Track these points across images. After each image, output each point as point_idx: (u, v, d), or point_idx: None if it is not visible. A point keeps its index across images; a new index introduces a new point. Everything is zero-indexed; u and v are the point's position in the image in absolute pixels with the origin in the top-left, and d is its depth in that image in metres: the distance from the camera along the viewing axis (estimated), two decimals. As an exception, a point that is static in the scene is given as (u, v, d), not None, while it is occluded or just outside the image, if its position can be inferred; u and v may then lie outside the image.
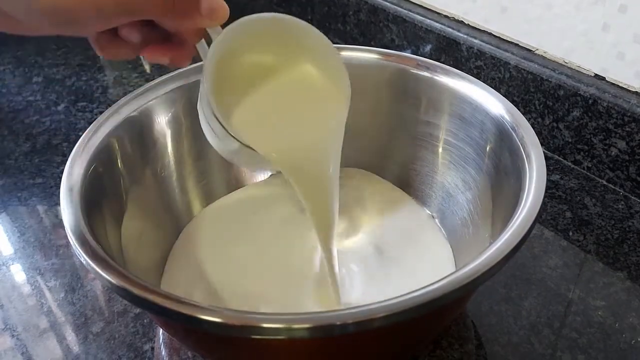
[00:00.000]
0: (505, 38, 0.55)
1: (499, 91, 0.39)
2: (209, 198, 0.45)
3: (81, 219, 0.31)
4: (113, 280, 0.27)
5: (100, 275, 0.28)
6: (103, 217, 0.34)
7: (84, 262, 0.28)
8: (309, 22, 0.32)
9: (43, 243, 0.45)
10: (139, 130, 0.40)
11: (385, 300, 0.25)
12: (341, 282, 0.38)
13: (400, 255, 0.40)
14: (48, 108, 0.62)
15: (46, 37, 0.76)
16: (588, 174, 0.50)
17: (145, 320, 0.39)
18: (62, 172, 0.34)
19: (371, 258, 0.40)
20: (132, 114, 0.39)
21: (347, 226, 0.43)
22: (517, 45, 0.54)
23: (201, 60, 0.31)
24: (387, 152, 0.46)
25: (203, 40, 0.31)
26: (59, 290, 0.41)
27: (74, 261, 0.43)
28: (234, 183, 0.47)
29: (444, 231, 0.42)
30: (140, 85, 0.42)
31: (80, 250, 0.29)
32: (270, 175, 0.48)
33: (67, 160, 0.35)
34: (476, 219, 0.39)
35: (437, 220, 0.43)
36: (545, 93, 0.50)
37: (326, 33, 0.32)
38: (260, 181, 0.47)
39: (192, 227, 0.43)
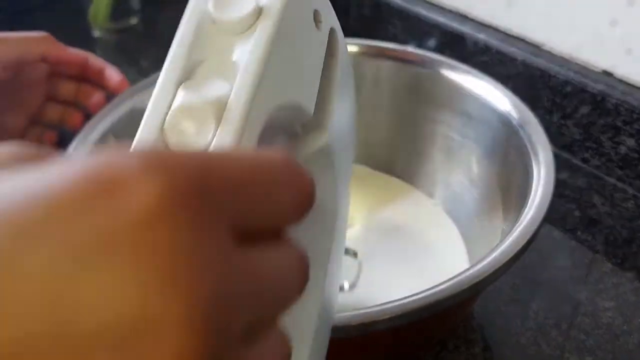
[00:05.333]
0: (511, 33, 0.54)
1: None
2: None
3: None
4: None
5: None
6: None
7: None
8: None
9: (40, 241, 0.45)
10: (136, 126, 0.39)
11: (391, 302, 0.25)
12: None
13: (413, 241, 0.40)
14: (47, 104, 0.61)
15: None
16: (597, 172, 0.49)
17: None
18: (58, 169, 0.33)
19: (383, 245, 0.40)
20: (129, 110, 0.39)
21: (354, 218, 0.42)
22: (523, 40, 0.53)
23: None
24: (392, 149, 0.46)
25: None
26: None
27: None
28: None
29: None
30: (138, 81, 0.41)
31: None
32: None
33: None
34: (483, 216, 0.39)
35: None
36: (553, 89, 0.50)
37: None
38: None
39: None
